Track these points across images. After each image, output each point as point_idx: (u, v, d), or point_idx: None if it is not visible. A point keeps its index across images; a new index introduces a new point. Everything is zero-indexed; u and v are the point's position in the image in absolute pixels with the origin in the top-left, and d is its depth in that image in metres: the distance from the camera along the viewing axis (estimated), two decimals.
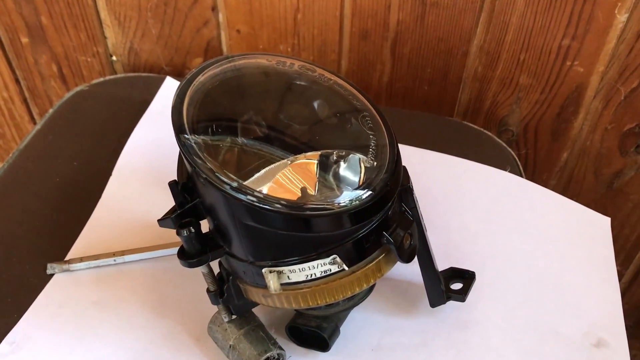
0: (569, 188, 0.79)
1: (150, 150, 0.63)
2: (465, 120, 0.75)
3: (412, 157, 0.64)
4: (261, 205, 0.38)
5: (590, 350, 0.50)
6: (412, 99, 0.75)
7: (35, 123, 0.89)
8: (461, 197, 0.61)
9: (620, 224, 0.81)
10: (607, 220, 0.60)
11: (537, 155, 0.77)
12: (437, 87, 0.73)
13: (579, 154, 0.76)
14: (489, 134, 0.70)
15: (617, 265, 0.86)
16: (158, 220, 0.42)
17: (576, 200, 0.61)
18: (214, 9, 0.72)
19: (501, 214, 0.59)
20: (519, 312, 0.52)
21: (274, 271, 0.41)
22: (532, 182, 0.62)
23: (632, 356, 0.97)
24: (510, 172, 0.64)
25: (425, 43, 0.70)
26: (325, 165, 0.44)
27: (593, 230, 0.59)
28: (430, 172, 0.63)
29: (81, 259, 0.54)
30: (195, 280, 0.50)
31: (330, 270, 0.41)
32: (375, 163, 0.42)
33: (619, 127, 0.72)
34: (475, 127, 0.71)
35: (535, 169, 0.79)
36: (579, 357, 0.49)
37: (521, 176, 0.64)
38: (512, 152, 0.68)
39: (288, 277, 0.41)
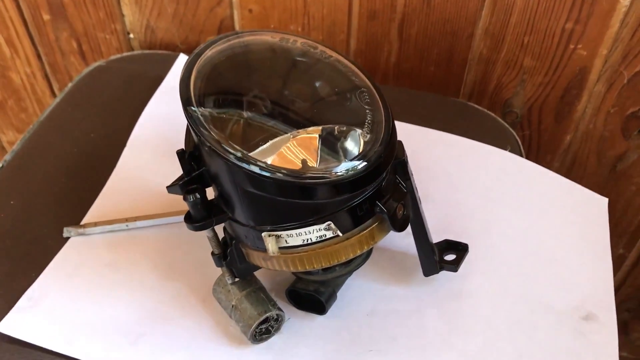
0: (572, 170, 0.81)
1: (163, 123, 0.66)
2: (471, 101, 0.77)
3: (415, 135, 0.66)
4: (262, 173, 0.40)
5: (579, 322, 0.51)
6: (419, 80, 0.77)
7: (56, 98, 0.92)
8: (461, 174, 0.62)
9: (623, 207, 0.82)
10: (604, 200, 0.62)
11: (540, 137, 0.79)
12: (443, 68, 0.75)
13: (582, 136, 0.77)
14: (493, 115, 0.71)
15: (620, 248, 0.87)
16: (167, 187, 0.44)
17: (579, 183, 0.62)
18: None
19: (499, 191, 0.61)
20: (511, 285, 0.54)
21: (272, 235, 0.43)
22: (531, 162, 0.64)
23: (636, 338, 0.98)
24: (510, 152, 0.65)
25: (431, 25, 0.71)
26: (326, 140, 0.46)
27: (590, 209, 0.61)
28: (432, 149, 0.65)
29: (95, 224, 0.57)
30: (201, 246, 0.52)
31: (326, 235, 0.43)
32: (370, 136, 0.44)
33: (622, 111, 0.73)
34: (480, 108, 0.72)
35: (539, 151, 0.80)
36: (567, 328, 0.51)
37: (522, 156, 0.66)
38: (515, 133, 0.69)
39: (286, 241, 0.43)
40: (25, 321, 0.50)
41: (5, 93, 0.92)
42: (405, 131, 0.64)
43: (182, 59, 0.73)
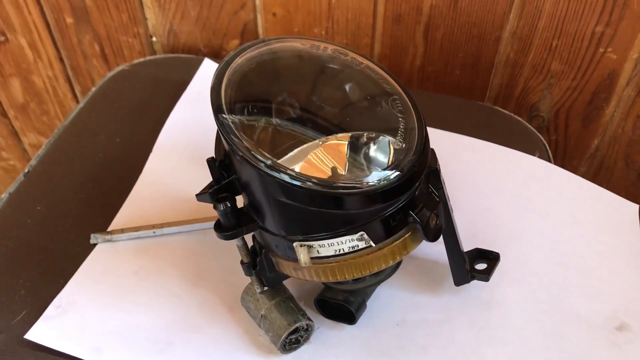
0: (599, 175, 0.80)
1: (189, 129, 0.66)
2: (497, 105, 0.76)
3: (442, 140, 0.65)
4: (294, 182, 0.40)
5: (613, 333, 0.51)
6: (444, 83, 0.76)
7: (77, 101, 0.92)
8: (489, 181, 0.62)
9: None
10: (635, 207, 0.60)
11: (567, 142, 0.78)
12: (469, 71, 0.74)
13: (610, 141, 0.76)
14: (520, 119, 0.70)
15: None
16: (196, 195, 0.44)
17: (606, 188, 0.61)
18: None
19: (528, 198, 0.60)
20: (542, 294, 0.53)
21: (304, 245, 0.43)
22: (560, 168, 0.63)
23: None
24: (539, 157, 0.64)
25: (457, 28, 0.70)
26: (355, 147, 0.46)
27: (620, 216, 0.60)
28: (460, 155, 0.64)
29: (122, 230, 0.56)
30: (230, 253, 0.52)
31: (358, 246, 0.43)
32: (403, 145, 0.43)
33: None
34: (506, 112, 0.71)
35: (565, 155, 0.79)
36: (600, 339, 0.50)
37: (550, 162, 0.65)
38: (542, 138, 0.68)
39: (318, 251, 0.43)
40: (53, 329, 0.50)
41: (28, 96, 0.93)
42: (432, 136, 0.63)
43: (206, 64, 0.73)
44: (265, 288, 0.48)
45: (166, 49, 0.83)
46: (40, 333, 0.50)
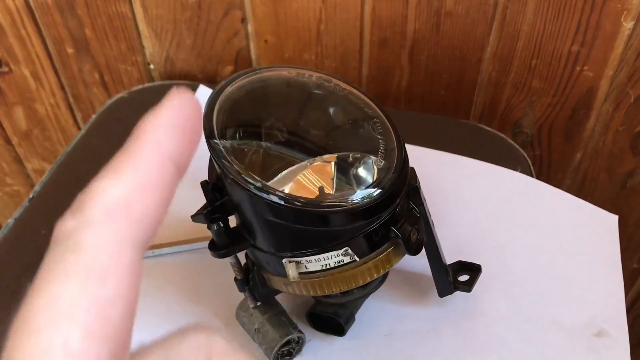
0: (583, 187, 0.82)
1: None
2: (481, 123, 0.79)
3: (428, 158, 0.68)
4: (282, 203, 0.43)
5: (591, 339, 0.53)
6: (430, 103, 0.79)
7: (79, 127, 0.96)
8: (472, 196, 0.64)
9: (635, 222, 0.84)
10: (614, 217, 0.63)
11: (551, 156, 0.80)
12: (453, 91, 0.77)
13: (592, 154, 0.78)
14: (503, 136, 0.73)
15: (634, 263, 0.88)
16: (191, 216, 0.47)
17: (590, 200, 0.64)
18: (244, 20, 0.77)
19: (510, 212, 0.63)
20: (524, 304, 0.55)
21: (292, 261, 0.45)
22: (541, 182, 0.65)
23: None
24: (521, 172, 0.67)
25: (441, 50, 0.74)
26: (342, 167, 0.48)
27: (600, 227, 0.62)
28: (443, 172, 0.66)
29: None
30: (224, 271, 0.54)
31: (343, 260, 0.45)
32: (384, 163, 0.46)
33: (630, 129, 0.74)
34: (490, 129, 0.74)
35: (550, 170, 0.82)
36: (580, 345, 0.52)
37: (532, 176, 0.68)
38: (524, 153, 0.71)
39: (305, 266, 0.46)
40: None
41: (31, 123, 0.96)
42: (417, 154, 0.66)
43: (201, 90, 0.76)
44: (258, 303, 0.51)
45: (163, 76, 0.86)
46: None
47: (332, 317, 0.51)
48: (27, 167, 1.04)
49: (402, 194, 0.46)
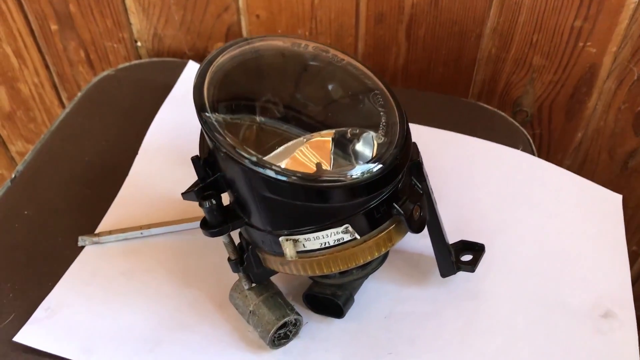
0: (583, 168, 0.81)
1: (174, 130, 0.66)
2: (480, 101, 0.76)
3: (427, 136, 0.66)
4: (278, 177, 0.40)
5: (598, 320, 0.51)
6: (428, 81, 0.77)
7: (64, 107, 0.92)
8: (474, 175, 0.62)
9: (636, 203, 0.82)
10: (618, 197, 0.61)
11: (551, 136, 0.79)
12: (452, 68, 0.75)
13: (593, 134, 0.77)
14: (503, 114, 0.71)
15: (633, 245, 0.87)
16: (182, 194, 0.44)
17: (591, 180, 0.62)
18: None
19: (512, 191, 0.61)
20: (528, 284, 0.53)
21: (290, 239, 0.43)
22: (544, 160, 0.64)
23: None
24: (522, 150, 0.65)
25: (439, 25, 0.71)
26: (339, 142, 0.46)
27: (604, 207, 0.60)
28: (444, 150, 0.64)
29: (110, 232, 0.57)
30: (217, 252, 0.52)
31: (343, 238, 0.43)
32: (385, 139, 0.44)
33: (632, 107, 0.72)
34: (490, 107, 0.72)
35: (550, 149, 0.80)
36: (586, 327, 0.51)
37: (534, 155, 0.66)
38: (525, 132, 0.69)
39: (303, 245, 0.43)
40: (42, 331, 0.50)
41: (14, 104, 0.93)
42: (416, 132, 0.64)
43: (190, 66, 0.74)
44: (253, 284, 0.48)
45: (151, 53, 0.83)
46: (29, 335, 0.50)
47: (330, 299, 0.49)
48: (10, 149, 1.00)
49: (405, 169, 0.44)
